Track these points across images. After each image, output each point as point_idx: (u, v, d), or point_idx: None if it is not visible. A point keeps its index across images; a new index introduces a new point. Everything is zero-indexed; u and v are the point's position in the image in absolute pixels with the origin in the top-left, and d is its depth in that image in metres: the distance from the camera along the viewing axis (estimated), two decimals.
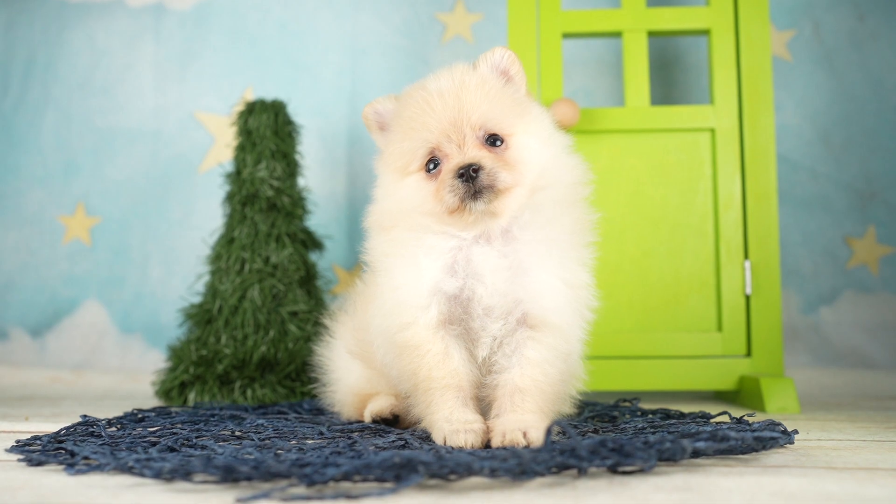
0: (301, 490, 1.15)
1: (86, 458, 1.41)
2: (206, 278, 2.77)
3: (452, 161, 1.55)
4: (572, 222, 1.63)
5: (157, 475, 1.25)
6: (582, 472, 1.24)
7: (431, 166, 1.59)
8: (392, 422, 1.83)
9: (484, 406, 1.61)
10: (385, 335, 1.66)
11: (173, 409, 2.24)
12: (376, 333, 1.72)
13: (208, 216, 3.25)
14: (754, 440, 1.43)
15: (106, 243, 3.34)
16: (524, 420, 1.48)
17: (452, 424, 1.50)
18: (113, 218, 3.34)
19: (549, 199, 1.60)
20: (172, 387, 2.56)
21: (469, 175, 1.51)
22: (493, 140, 1.58)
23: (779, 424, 1.58)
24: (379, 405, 1.86)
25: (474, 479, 1.23)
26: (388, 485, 1.17)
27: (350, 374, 1.98)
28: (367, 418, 1.87)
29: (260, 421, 1.89)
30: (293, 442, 1.60)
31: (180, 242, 3.31)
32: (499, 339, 1.59)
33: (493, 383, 1.59)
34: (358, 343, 1.92)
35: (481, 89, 1.59)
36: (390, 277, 1.64)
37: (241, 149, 2.78)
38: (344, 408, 2.00)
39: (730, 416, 1.79)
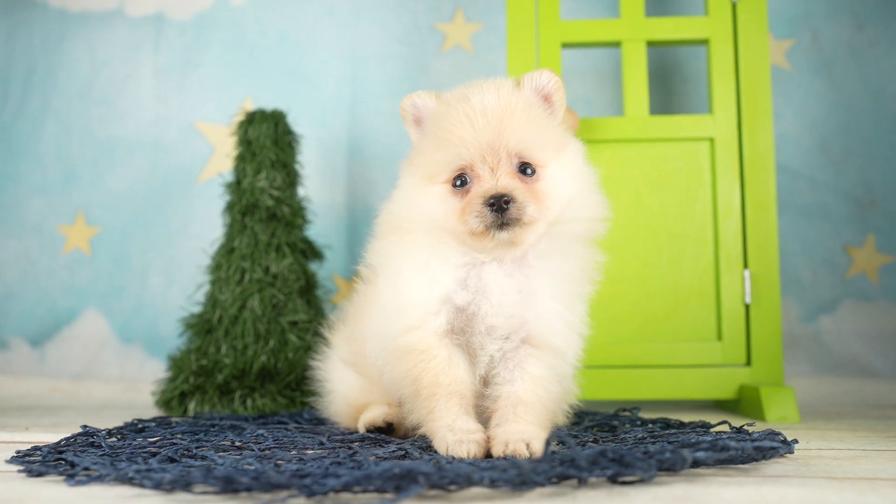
0: (301, 501, 1.15)
1: (86, 468, 1.41)
2: (206, 288, 2.77)
3: (483, 185, 1.52)
4: (584, 261, 1.65)
5: (157, 486, 1.25)
6: (582, 483, 1.24)
7: (458, 182, 1.55)
8: (386, 430, 1.83)
9: (482, 418, 1.61)
10: (383, 338, 1.65)
11: (173, 419, 2.24)
12: (372, 335, 1.72)
13: (208, 226, 3.25)
14: (754, 450, 1.43)
15: (106, 253, 3.34)
16: (528, 431, 1.49)
17: (455, 434, 1.50)
18: (113, 228, 3.35)
19: (567, 232, 1.61)
20: (172, 397, 2.56)
21: (500, 206, 1.49)
22: (524, 168, 1.55)
23: (779, 434, 1.59)
24: (372, 415, 1.86)
25: (474, 490, 1.23)
26: (388, 496, 1.17)
27: (343, 383, 1.98)
28: (361, 428, 1.86)
29: (260, 431, 1.89)
30: (293, 452, 1.60)
31: (180, 252, 3.31)
32: (496, 358, 1.60)
33: (494, 394, 1.59)
34: (351, 353, 1.92)
35: (525, 114, 1.55)
36: (397, 280, 1.62)
37: (240, 159, 2.79)
38: (340, 419, 2.01)
39: (730, 425, 1.80)
